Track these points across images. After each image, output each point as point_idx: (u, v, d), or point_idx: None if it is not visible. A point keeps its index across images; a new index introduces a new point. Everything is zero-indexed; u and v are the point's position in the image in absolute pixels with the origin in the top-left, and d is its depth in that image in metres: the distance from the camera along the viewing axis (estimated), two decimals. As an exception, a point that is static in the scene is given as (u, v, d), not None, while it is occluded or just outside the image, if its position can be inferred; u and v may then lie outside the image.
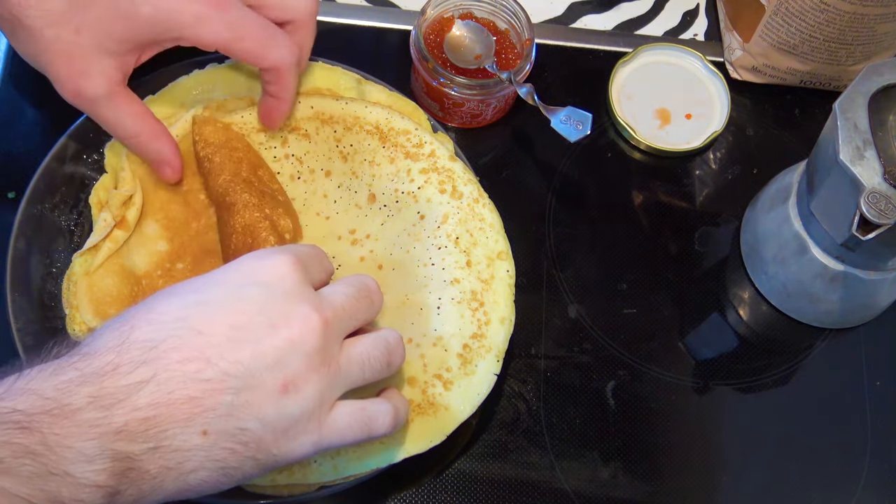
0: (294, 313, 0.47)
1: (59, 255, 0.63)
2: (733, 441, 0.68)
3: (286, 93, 0.61)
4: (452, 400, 0.59)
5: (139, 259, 0.63)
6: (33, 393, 0.41)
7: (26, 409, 0.40)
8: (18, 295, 0.60)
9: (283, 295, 0.47)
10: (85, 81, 0.55)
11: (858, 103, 0.60)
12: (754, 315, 0.73)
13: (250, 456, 0.45)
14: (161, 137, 0.61)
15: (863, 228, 0.57)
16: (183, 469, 0.43)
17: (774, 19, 0.74)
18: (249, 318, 0.46)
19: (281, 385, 0.45)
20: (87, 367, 0.42)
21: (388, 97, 0.69)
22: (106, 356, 0.43)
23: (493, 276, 0.63)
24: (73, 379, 0.42)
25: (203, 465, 0.44)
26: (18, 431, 0.39)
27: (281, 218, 0.62)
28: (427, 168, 0.66)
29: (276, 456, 0.46)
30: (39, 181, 0.63)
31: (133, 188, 0.63)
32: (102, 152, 0.65)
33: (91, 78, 0.55)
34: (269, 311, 0.46)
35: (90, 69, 0.55)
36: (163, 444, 0.43)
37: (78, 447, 0.40)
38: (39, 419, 0.40)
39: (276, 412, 0.45)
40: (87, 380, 0.42)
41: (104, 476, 0.41)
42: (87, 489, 0.40)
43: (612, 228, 0.75)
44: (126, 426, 0.42)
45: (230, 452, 0.45)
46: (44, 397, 0.41)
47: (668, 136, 0.78)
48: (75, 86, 0.56)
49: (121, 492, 0.42)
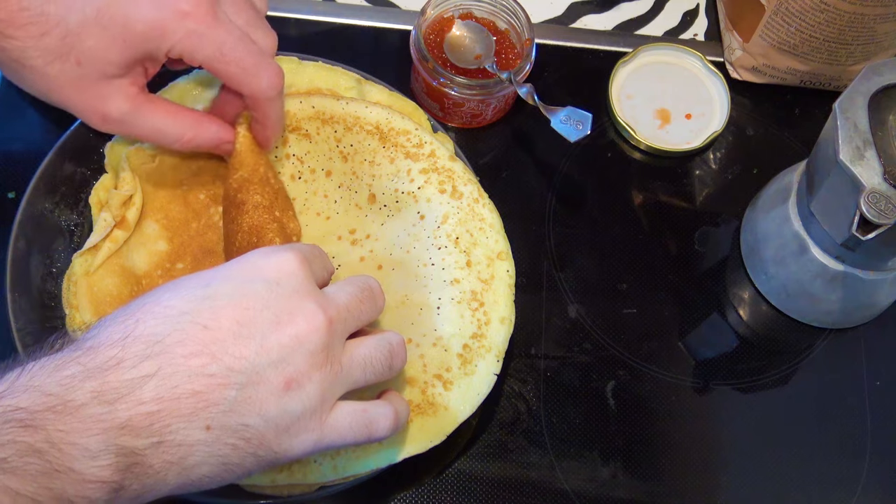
0: (299, 311, 0.47)
1: (59, 255, 0.63)
2: (733, 441, 0.68)
3: (267, 121, 0.60)
4: (452, 400, 0.59)
5: (139, 259, 0.63)
6: (36, 389, 0.41)
7: (29, 406, 0.40)
8: (18, 295, 0.60)
9: (289, 292, 0.47)
10: (106, 105, 0.55)
11: (858, 103, 0.60)
12: (754, 315, 0.73)
13: (252, 452, 0.46)
14: (202, 124, 0.60)
15: (863, 228, 0.57)
16: (186, 464, 0.44)
17: (774, 19, 0.74)
18: (255, 313, 0.46)
19: (284, 382, 0.46)
20: (90, 362, 0.42)
21: (389, 97, 0.69)
22: (110, 350, 0.43)
23: (493, 276, 0.63)
24: (76, 374, 0.42)
25: (205, 461, 0.44)
26: (22, 430, 0.39)
27: (291, 220, 0.62)
28: (427, 168, 0.66)
29: (276, 453, 0.47)
30: (39, 181, 0.63)
31: (133, 188, 0.63)
32: (102, 152, 0.65)
33: (110, 100, 0.55)
34: (274, 307, 0.46)
35: (105, 93, 0.55)
36: (167, 439, 0.43)
37: (82, 443, 0.40)
38: (43, 416, 0.40)
39: (279, 409, 0.46)
40: (91, 374, 0.42)
41: (109, 471, 0.41)
42: (92, 485, 0.40)
43: (612, 228, 0.75)
44: (130, 421, 0.42)
45: (232, 448, 0.45)
46: (47, 393, 0.41)
47: (668, 136, 0.78)
48: (98, 113, 0.55)
49: (125, 487, 0.42)
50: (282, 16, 0.80)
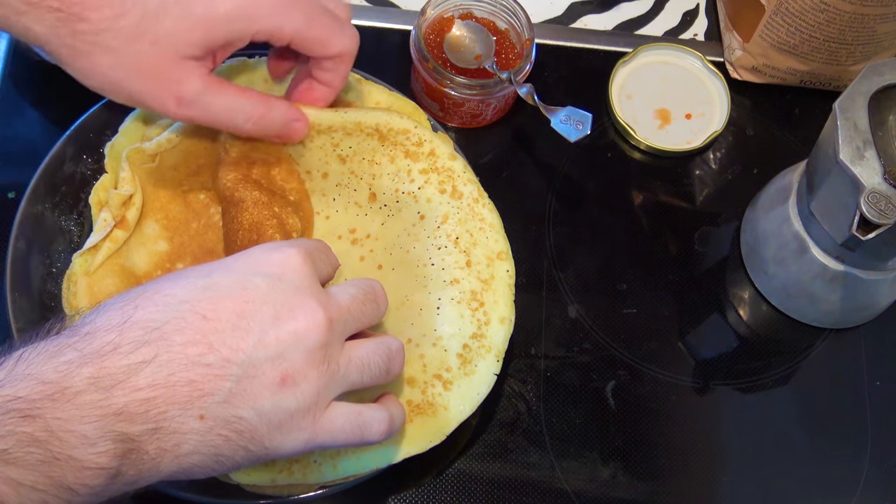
0: (300, 307, 0.47)
1: (59, 255, 0.63)
2: (733, 441, 0.68)
3: (340, 81, 0.62)
4: (452, 400, 0.59)
5: (139, 259, 0.63)
6: (33, 378, 0.41)
7: (27, 395, 0.40)
8: (19, 295, 0.60)
9: (291, 288, 0.47)
10: (181, 87, 0.54)
11: (858, 103, 0.60)
12: (754, 315, 0.73)
13: (243, 445, 0.46)
14: (272, 102, 0.59)
15: (863, 228, 0.57)
16: (179, 451, 0.44)
17: (774, 19, 0.74)
18: (255, 307, 0.46)
19: (280, 378, 0.45)
20: (86, 347, 0.42)
21: (388, 97, 0.69)
22: (107, 335, 0.43)
23: (492, 276, 0.63)
24: (72, 360, 0.42)
25: (198, 450, 0.44)
26: (22, 420, 0.39)
27: (290, 217, 0.62)
28: (427, 168, 0.65)
29: (267, 448, 0.47)
30: (39, 181, 0.63)
31: (133, 188, 0.63)
32: (102, 152, 0.65)
33: (185, 82, 0.54)
34: (275, 302, 0.46)
35: (180, 74, 0.54)
36: (162, 426, 0.43)
37: (80, 430, 0.40)
38: (41, 405, 0.40)
39: (273, 404, 0.45)
40: (87, 360, 0.42)
41: (107, 458, 0.41)
42: (90, 472, 0.41)
43: (612, 228, 0.75)
44: (126, 407, 0.42)
45: (224, 439, 0.45)
46: (44, 381, 0.41)
47: (668, 136, 0.78)
48: (173, 95, 0.55)
49: (122, 473, 0.42)
50: (282, 16, 0.80)
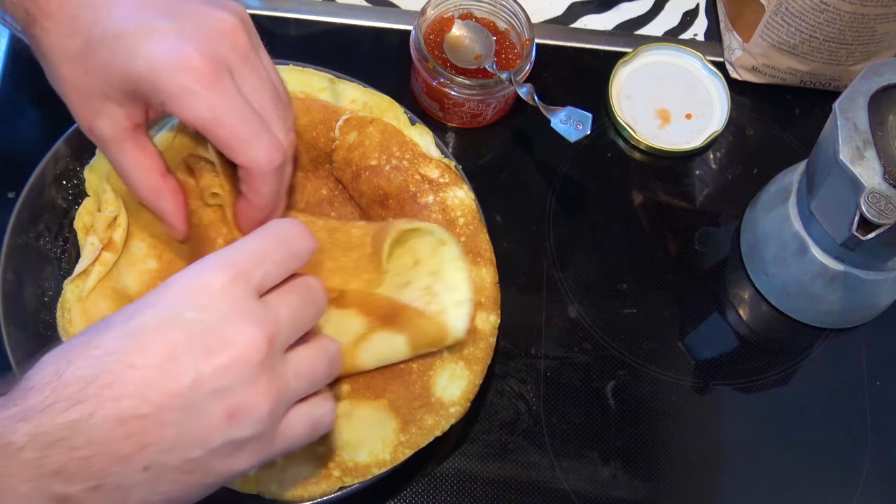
0: (233, 333, 0.43)
1: (50, 284, 0.62)
2: (733, 441, 0.68)
3: (257, 197, 0.55)
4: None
5: (130, 280, 0.61)
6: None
7: None
8: (13, 328, 0.59)
9: (218, 316, 0.44)
10: (95, 120, 0.54)
11: (858, 103, 0.60)
12: (754, 315, 0.73)
13: (197, 481, 0.44)
14: (163, 197, 0.57)
15: (863, 228, 0.57)
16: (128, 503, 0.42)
17: (774, 19, 0.74)
18: (184, 345, 0.43)
19: (226, 413, 0.43)
20: (25, 403, 0.41)
21: (363, 94, 0.68)
22: (43, 391, 0.41)
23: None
24: (13, 415, 0.40)
25: (147, 499, 0.43)
26: None
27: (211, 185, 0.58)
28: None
29: (223, 474, 0.45)
30: (21, 211, 0.61)
31: (117, 209, 0.62)
32: (82, 177, 0.64)
33: (101, 118, 0.54)
34: (204, 336, 0.43)
35: (99, 110, 0.54)
36: (104, 483, 0.41)
37: (20, 489, 0.39)
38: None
39: (224, 439, 0.43)
40: (26, 416, 0.40)
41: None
42: None
43: (612, 228, 0.75)
44: (64, 467, 0.40)
45: (174, 483, 0.43)
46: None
47: (668, 136, 0.78)
48: (88, 122, 0.55)
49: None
50: (282, 16, 0.80)
